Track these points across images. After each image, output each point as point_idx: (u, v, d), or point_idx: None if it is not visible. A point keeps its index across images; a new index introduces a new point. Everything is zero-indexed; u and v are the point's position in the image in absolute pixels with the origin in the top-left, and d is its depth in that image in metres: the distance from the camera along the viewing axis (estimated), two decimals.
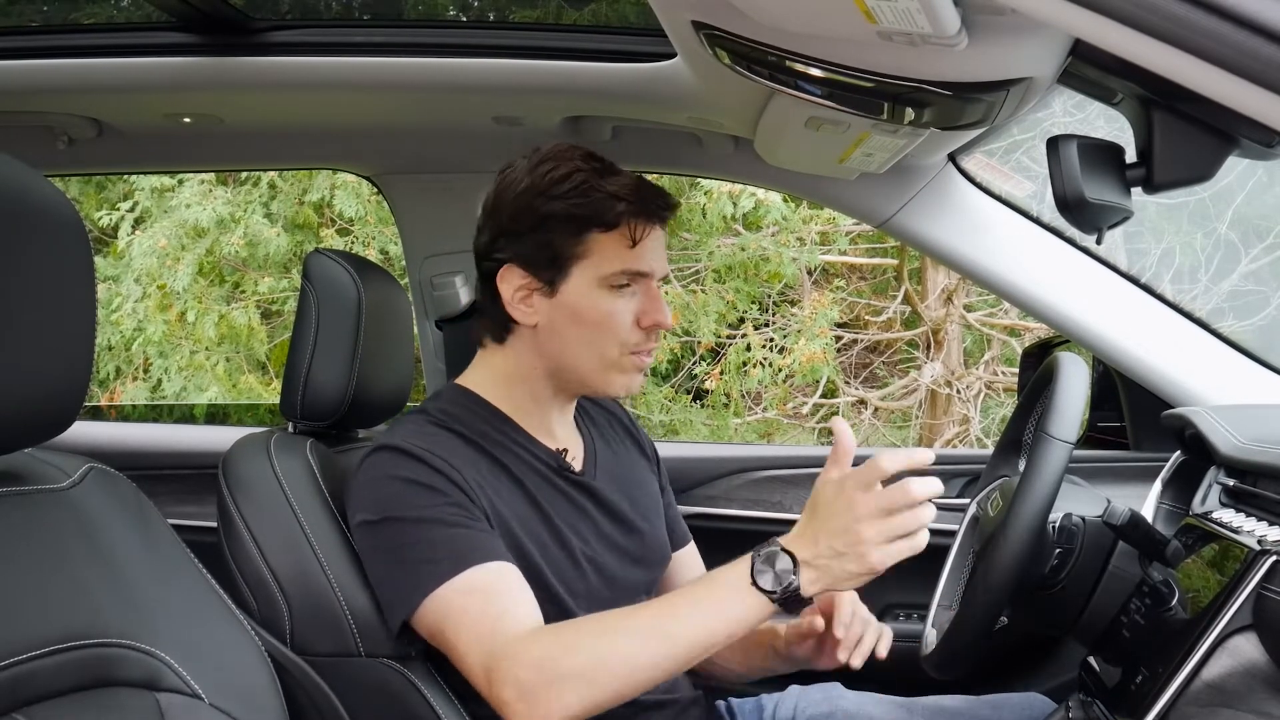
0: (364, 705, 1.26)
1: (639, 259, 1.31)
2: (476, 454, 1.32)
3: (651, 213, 1.32)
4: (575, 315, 1.32)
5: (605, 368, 1.33)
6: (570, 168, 1.32)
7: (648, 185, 1.33)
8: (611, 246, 1.30)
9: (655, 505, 1.49)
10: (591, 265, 1.31)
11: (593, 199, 1.30)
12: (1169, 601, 1.18)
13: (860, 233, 6.39)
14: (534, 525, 1.32)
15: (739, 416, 6.55)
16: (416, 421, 1.35)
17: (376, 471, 1.27)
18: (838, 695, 1.52)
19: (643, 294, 1.33)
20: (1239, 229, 5.51)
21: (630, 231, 1.30)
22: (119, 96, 1.85)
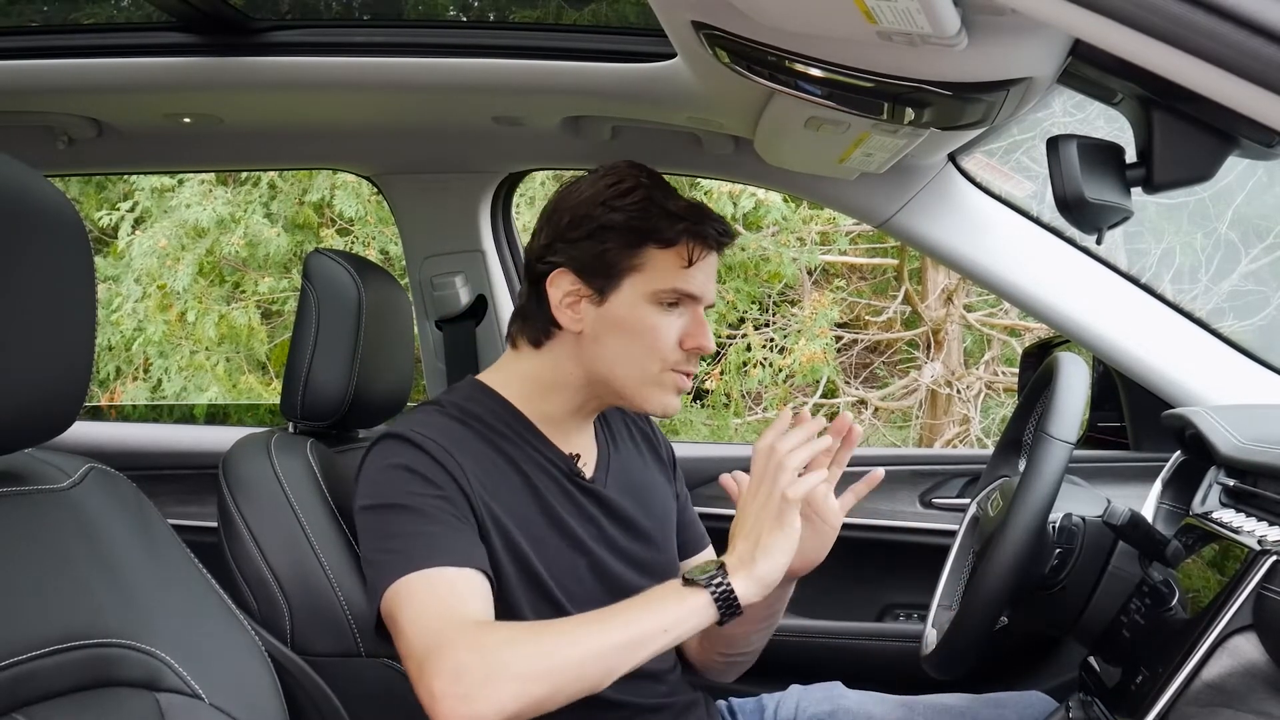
0: (364, 705, 1.26)
1: (691, 280, 1.32)
2: (487, 449, 1.31)
3: (709, 236, 1.33)
4: (621, 326, 1.32)
5: (644, 382, 1.33)
6: (634, 183, 1.33)
7: (709, 211, 1.35)
8: (666, 263, 1.31)
9: (667, 514, 1.48)
10: (644, 279, 1.31)
11: (653, 214, 1.31)
12: (1169, 601, 1.18)
13: (860, 233, 6.39)
14: (539, 527, 1.31)
15: (739, 416, 6.55)
16: (428, 412, 1.34)
17: (378, 459, 1.27)
18: (839, 694, 1.53)
19: (690, 316, 1.34)
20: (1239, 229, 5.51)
21: (687, 251, 1.31)
22: (119, 96, 1.86)
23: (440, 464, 1.24)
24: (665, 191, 1.34)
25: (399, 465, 1.24)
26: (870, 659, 1.89)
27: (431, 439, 1.26)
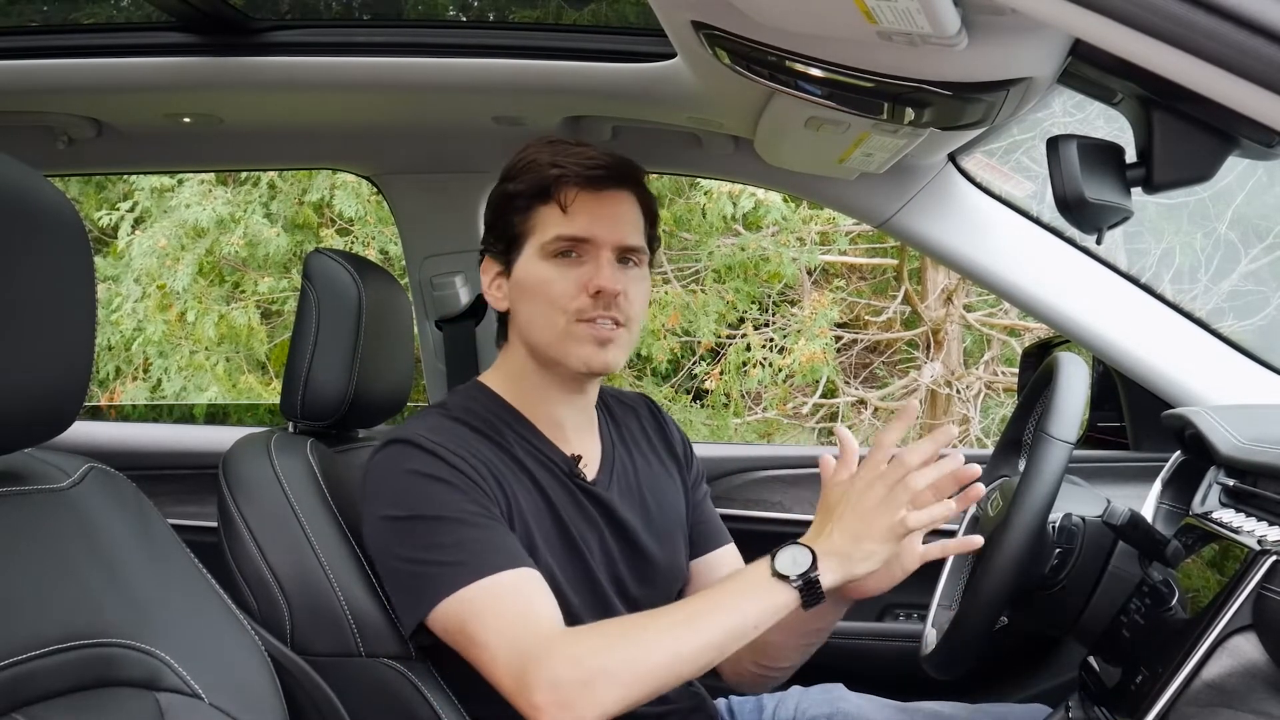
0: (364, 705, 1.26)
1: (572, 224, 1.31)
2: (494, 449, 1.31)
3: (588, 179, 1.31)
4: (524, 289, 1.34)
5: (558, 339, 1.32)
6: (532, 151, 1.35)
7: (590, 153, 1.33)
8: (550, 216, 1.32)
9: (675, 515, 1.46)
10: (535, 239, 1.33)
11: (534, 172, 1.33)
12: (1169, 601, 1.18)
13: (860, 233, 6.39)
14: (547, 526, 1.31)
15: (739, 416, 6.55)
16: (434, 415, 1.34)
17: (393, 465, 1.26)
18: (839, 697, 1.52)
19: (589, 262, 1.32)
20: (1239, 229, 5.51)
21: (561, 198, 1.31)
22: (119, 96, 1.85)
23: (460, 469, 1.24)
24: (556, 149, 1.34)
25: (420, 473, 1.24)
26: (870, 659, 1.89)
27: (444, 444, 1.26)
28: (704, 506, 1.53)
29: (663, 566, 1.42)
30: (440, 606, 1.19)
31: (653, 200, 1.41)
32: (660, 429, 1.53)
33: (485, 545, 1.21)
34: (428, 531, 1.22)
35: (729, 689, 1.56)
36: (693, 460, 1.54)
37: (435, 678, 1.28)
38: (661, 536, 1.42)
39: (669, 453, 1.51)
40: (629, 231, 1.34)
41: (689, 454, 1.54)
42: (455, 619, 1.19)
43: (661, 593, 1.42)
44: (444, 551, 1.20)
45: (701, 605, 1.17)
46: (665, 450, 1.51)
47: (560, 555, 1.31)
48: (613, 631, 1.19)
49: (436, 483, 1.23)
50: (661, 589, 1.42)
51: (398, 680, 1.26)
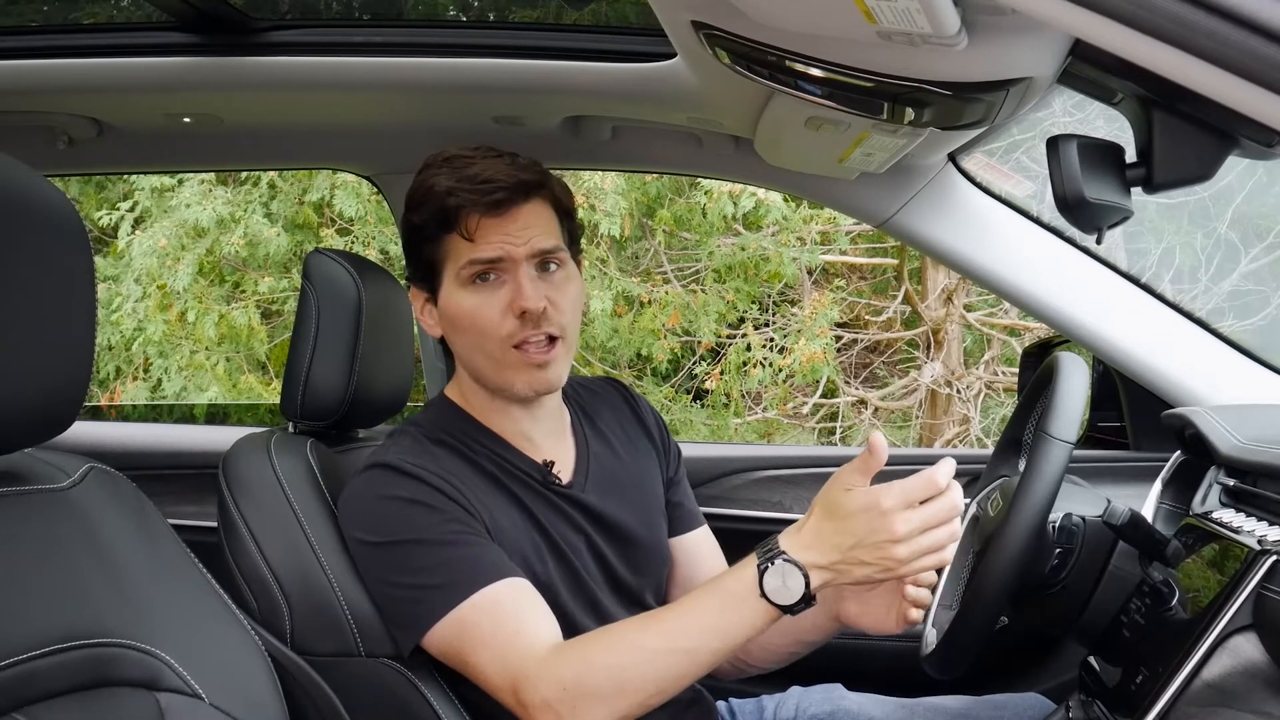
0: (364, 705, 1.26)
1: (480, 248, 1.28)
2: (470, 468, 1.32)
3: (479, 200, 1.27)
4: (452, 320, 1.33)
5: (497, 368, 1.31)
6: (426, 175, 1.32)
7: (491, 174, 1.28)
8: (458, 243, 1.30)
9: (655, 500, 1.47)
10: (450, 267, 1.31)
11: (434, 201, 1.29)
12: (1169, 601, 1.18)
13: (860, 233, 6.39)
14: (532, 536, 1.31)
15: (739, 416, 6.55)
16: (410, 436, 1.34)
17: (371, 491, 1.27)
18: (839, 696, 1.52)
19: (509, 280, 1.29)
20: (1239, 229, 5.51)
21: (464, 227, 1.28)
22: (119, 96, 1.85)
23: (439, 490, 1.25)
24: (454, 168, 1.30)
25: (397, 498, 1.25)
26: (870, 659, 1.89)
27: (421, 465, 1.27)
28: (681, 486, 1.53)
29: (650, 553, 1.42)
30: (432, 632, 1.21)
31: (565, 194, 1.36)
32: (634, 412, 1.52)
33: (469, 562, 1.22)
34: (410, 556, 1.23)
35: (727, 689, 1.56)
36: (669, 441, 1.54)
37: (435, 678, 1.28)
38: (645, 524, 1.42)
39: (644, 435, 1.51)
40: (540, 237, 1.30)
41: (664, 435, 1.53)
42: (448, 643, 1.21)
43: (652, 579, 1.43)
44: (429, 575, 1.21)
45: (685, 626, 1.15)
46: (641, 433, 1.51)
47: (550, 562, 1.32)
48: (600, 650, 1.17)
49: (416, 506, 1.24)
50: (652, 575, 1.43)
51: (398, 680, 1.26)
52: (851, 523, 1.10)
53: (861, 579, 1.11)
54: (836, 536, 1.10)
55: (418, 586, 1.22)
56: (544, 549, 1.32)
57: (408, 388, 1.62)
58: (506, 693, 1.17)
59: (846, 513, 1.10)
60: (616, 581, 1.37)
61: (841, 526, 1.10)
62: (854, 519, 1.09)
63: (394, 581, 1.24)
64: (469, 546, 1.23)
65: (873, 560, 1.09)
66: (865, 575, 1.11)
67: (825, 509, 1.12)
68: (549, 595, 1.28)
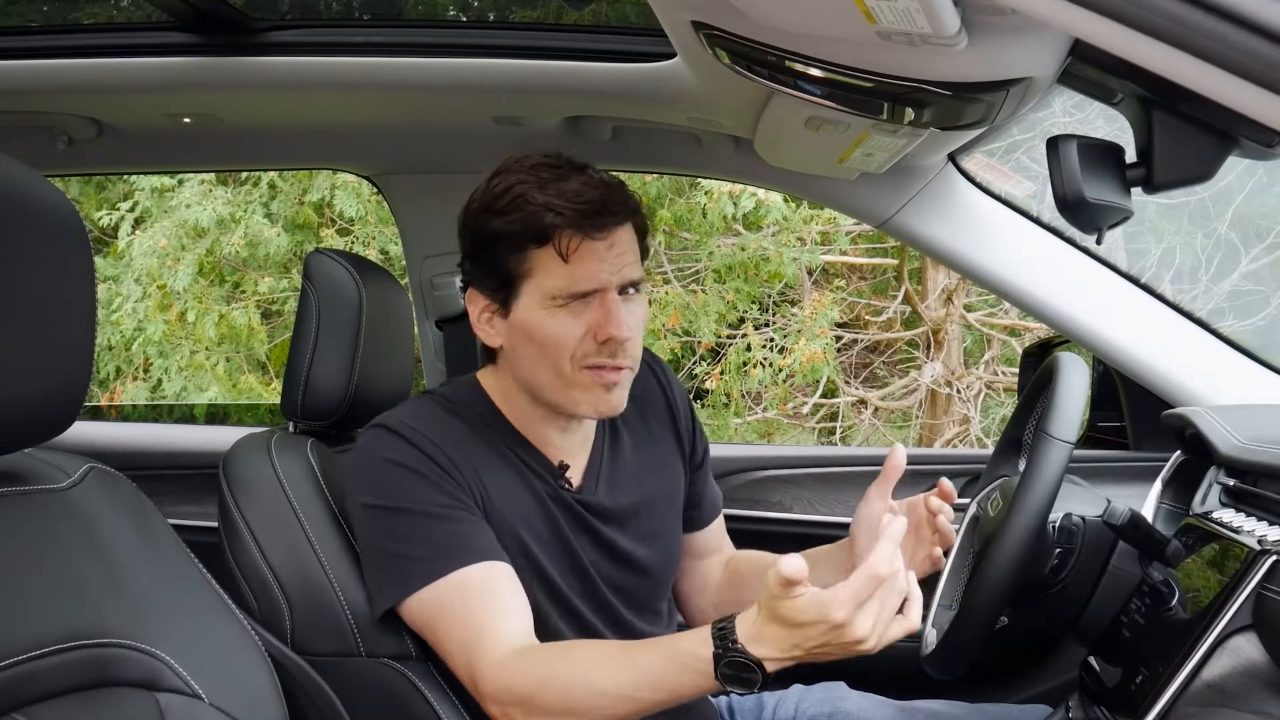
0: (364, 705, 1.26)
1: (576, 278, 1.23)
2: (480, 443, 1.31)
3: (585, 223, 1.23)
4: (527, 335, 1.27)
5: (564, 386, 1.27)
6: (513, 180, 1.26)
7: (593, 189, 1.24)
8: (549, 263, 1.24)
9: (669, 503, 1.45)
10: (535, 283, 1.25)
11: (526, 213, 1.23)
12: (1169, 601, 1.18)
13: (860, 233, 6.39)
14: (539, 527, 1.31)
15: (739, 416, 6.55)
16: (422, 403, 1.34)
17: (371, 452, 1.27)
18: (839, 696, 1.52)
19: (595, 307, 1.25)
20: (1239, 229, 5.50)
21: (560, 246, 1.22)
22: (119, 96, 1.85)
23: (434, 460, 1.25)
24: (546, 179, 1.25)
25: (395, 462, 1.25)
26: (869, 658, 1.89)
27: (422, 433, 1.26)
28: (701, 479, 1.52)
29: (652, 563, 1.41)
30: (407, 603, 1.23)
31: (644, 217, 1.32)
32: (665, 398, 1.49)
33: (453, 540, 1.22)
34: (398, 523, 1.24)
35: None
36: (696, 431, 1.51)
37: (435, 678, 1.28)
38: (653, 531, 1.41)
39: (670, 424, 1.48)
40: (631, 266, 1.27)
41: (692, 423, 1.51)
42: (420, 616, 1.23)
43: (657, 582, 1.42)
44: (411, 546, 1.22)
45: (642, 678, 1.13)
46: (668, 421, 1.48)
47: (554, 555, 1.32)
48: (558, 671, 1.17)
49: (409, 473, 1.24)
50: (660, 582, 1.43)
51: (398, 680, 1.26)
52: (808, 631, 1.04)
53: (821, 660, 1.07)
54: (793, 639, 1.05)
55: (400, 555, 1.23)
56: (550, 539, 1.32)
57: (408, 388, 1.62)
58: (465, 677, 1.21)
59: (799, 623, 1.04)
60: (624, 582, 1.37)
61: (797, 634, 1.04)
62: (809, 629, 1.04)
63: (378, 546, 1.25)
64: (456, 523, 1.23)
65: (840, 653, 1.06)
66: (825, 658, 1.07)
67: (772, 616, 1.05)
68: (550, 586, 1.29)
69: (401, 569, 1.23)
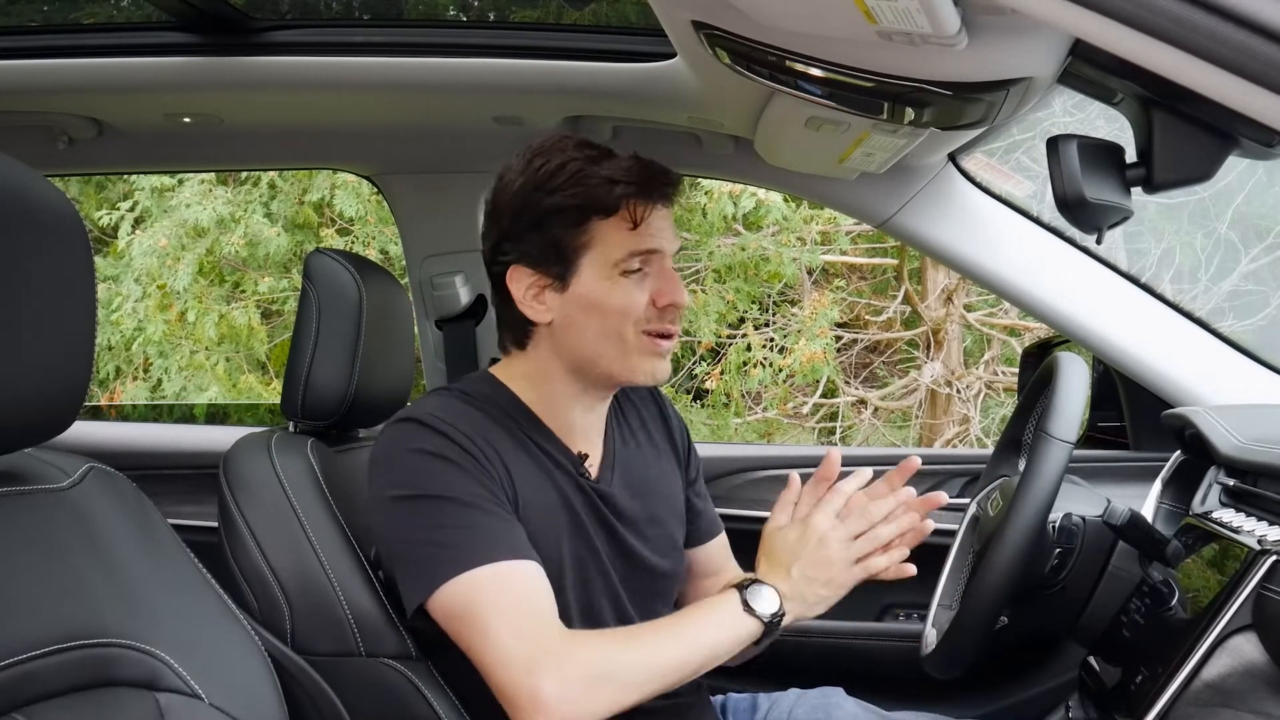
0: (364, 705, 1.26)
1: (644, 238, 1.29)
2: (504, 434, 1.31)
3: (651, 191, 1.30)
4: (591, 305, 1.30)
5: (626, 354, 1.31)
6: (564, 158, 1.30)
7: (646, 164, 1.31)
8: (615, 232, 1.28)
9: (676, 506, 1.47)
10: (599, 253, 1.29)
11: (588, 186, 1.27)
12: (1169, 601, 1.18)
13: (860, 233, 6.39)
14: (561, 519, 1.31)
15: (739, 416, 6.55)
16: (443, 397, 1.33)
17: (399, 444, 1.26)
18: (834, 703, 1.50)
19: (655, 274, 1.31)
20: (1239, 229, 5.51)
21: (631, 213, 1.28)
22: (119, 96, 1.86)
23: (468, 451, 1.24)
24: (596, 156, 1.30)
25: (428, 452, 1.23)
26: (870, 658, 1.89)
27: (450, 423, 1.25)
28: (700, 499, 1.55)
29: (669, 552, 1.43)
30: (446, 587, 1.18)
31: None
32: (663, 421, 1.52)
33: (494, 531, 1.21)
34: (436, 511, 1.21)
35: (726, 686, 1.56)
36: (692, 455, 1.54)
37: (435, 678, 1.28)
38: (663, 526, 1.43)
39: (669, 445, 1.51)
40: (676, 237, 1.35)
41: (689, 449, 1.54)
42: (461, 601, 1.18)
43: (667, 576, 1.43)
44: (453, 533, 1.20)
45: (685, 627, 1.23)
46: (666, 442, 1.51)
47: (576, 546, 1.32)
48: (614, 640, 1.22)
49: (445, 463, 1.23)
50: (673, 570, 1.44)
51: (398, 680, 1.26)
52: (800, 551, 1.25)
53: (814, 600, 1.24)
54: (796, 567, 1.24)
55: (437, 543, 1.20)
56: (571, 531, 1.32)
57: (408, 388, 1.63)
58: (515, 662, 1.15)
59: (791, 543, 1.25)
60: (638, 576, 1.38)
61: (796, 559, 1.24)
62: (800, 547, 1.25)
63: (412, 536, 1.22)
64: (493, 516, 1.22)
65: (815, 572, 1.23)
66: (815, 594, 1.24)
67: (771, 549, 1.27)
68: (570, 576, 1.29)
69: (438, 557, 1.20)
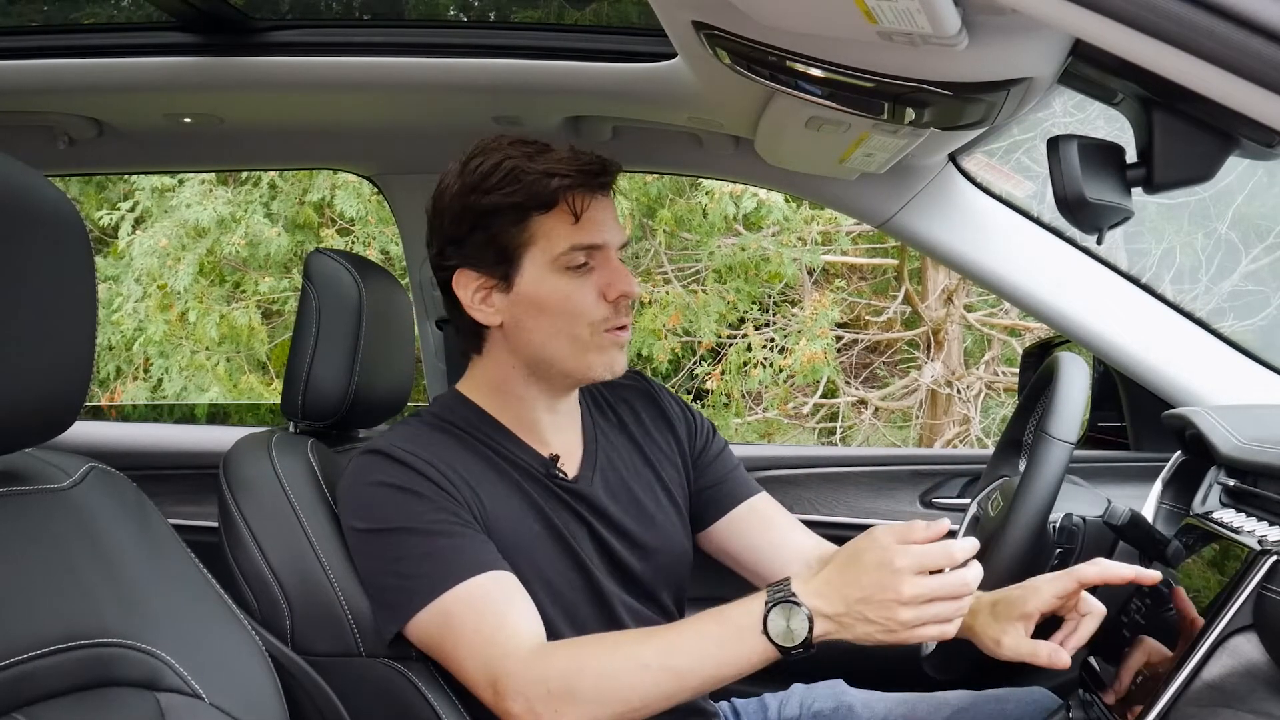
0: (364, 705, 1.26)
1: (586, 232, 1.27)
2: (470, 455, 1.31)
3: (589, 182, 1.27)
4: (536, 305, 1.28)
5: (580, 351, 1.30)
6: (500, 157, 1.28)
7: (583, 156, 1.29)
8: (556, 226, 1.27)
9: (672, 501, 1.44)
10: (541, 250, 1.27)
11: (525, 183, 1.26)
12: (1169, 601, 1.18)
13: (861, 233, 6.39)
14: (533, 527, 1.31)
15: (739, 416, 6.55)
16: (410, 425, 1.34)
17: (362, 477, 1.27)
18: (841, 692, 1.52)
19: (601, 267, 1.29)
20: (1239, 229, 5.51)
21: (571, 205, 1.26)
22: (119, 96, 1.85)
23: (428, 477, 1.24)
24: (532, 152, 1.28)
25: (388, 484, 1.24)
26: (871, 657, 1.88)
27: (413, 453, 1.26)
28: (716, 467, 1.50)
29: (659, 547, 1.41)
30: (414, 620, 1.21)
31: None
32: (654, 405, 1.50)
33: (455, 552, 1.21)
34: (397, 544, 1.22)
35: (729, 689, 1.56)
36: (695, 426, 1.51)
37: (435, 678, 1.28)
38: (654, 522, 1.41)
39: (666, 428, 1.49)
40: (620, 229, 1.33)
41: (691, 422, 1.51)
42: (430, 632, 1.21)
43: (665, 576, 1.41)
44: (414, 564, 1.21)
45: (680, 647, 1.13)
46: (662, 425, 1.49)
47: (551, 552, 1.31)
48: (592, 654, 1.17)
49: (404, 494, 1.23)
50: (663, 571, 1.41)
51: (398, 680, 1.26)
52: (863, 576, 1.06)
53: (863, 637, 1.07)
54: (846, 588, 1.07)
55: (402, 575, 1.22)
56: (545, 537, 1.31)
57: (408, 388, 1.63)
58: (485, 688, 1.16)
59: (861, 566, 1.07)
60: (624, 573, 1.37)
61: (853, 579, 1.07)
62: (866, 574, 1.06)
63: (380, 569, 1.24)
64: (456, 537, 1.22)
65: (876, 618, 1.06)
66: (867, 634, 1.07)
67: (844, 559, 1.09)
68: (547, 585, 1.28)
69: (403, 589, 1.21)
